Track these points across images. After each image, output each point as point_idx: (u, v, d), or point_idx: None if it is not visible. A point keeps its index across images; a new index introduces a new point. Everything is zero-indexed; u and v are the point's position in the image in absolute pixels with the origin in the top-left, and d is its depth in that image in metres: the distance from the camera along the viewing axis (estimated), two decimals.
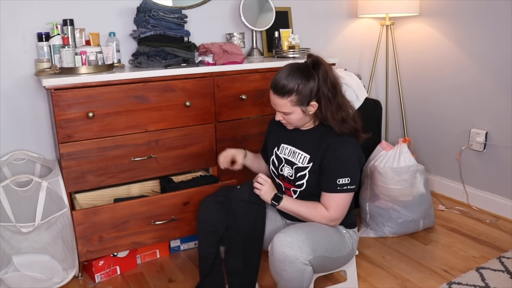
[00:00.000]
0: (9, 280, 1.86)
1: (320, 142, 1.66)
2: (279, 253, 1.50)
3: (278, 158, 1.79)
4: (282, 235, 1.52)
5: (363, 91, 2.56)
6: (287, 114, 1.64)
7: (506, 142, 2.55)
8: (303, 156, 1.69)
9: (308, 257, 1.50)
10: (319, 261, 1.56)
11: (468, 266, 2.10)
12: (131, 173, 2.02)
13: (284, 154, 1.77)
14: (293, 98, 1.60)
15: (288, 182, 1.75)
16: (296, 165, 1.71)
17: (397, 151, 2.34)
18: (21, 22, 2.09)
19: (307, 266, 1.51)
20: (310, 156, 1.68)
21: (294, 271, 1.50)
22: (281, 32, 2.58)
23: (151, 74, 1.97)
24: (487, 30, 2.54)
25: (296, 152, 1.72)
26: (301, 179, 1.69)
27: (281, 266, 1.51)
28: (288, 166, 1.74)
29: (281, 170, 1.77)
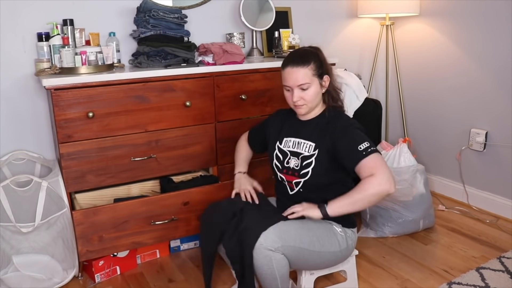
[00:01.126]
0: (9, 280, 1.86)
1: (325, 129, 1.69)
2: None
3: (283, 152, 1.79)
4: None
5: (363, 91, 2.56)
6: (305, 89, 1.66)
7: (506, 142, 2.55)
8: (308, 145, 1.71)
9: (274, 244, 1.53)
10: (293, 251, 1.57)
11: (468, 266, 2.10)
12: (131, 173, 2.02)
13: (288, 147, 1.77)
14: (313, 66, 1.66)
15: (292, 173, 1.74)
16: (302, 155, 1.72)
17: (397, 151, 2.34)
18: (21, 22, 2.09)
19: (274, 253, 1.53)
20: (315, 144, 1.70)
21: (260, 258, 1.53)
22: (281, 32, 2.57)
23: (151, 74, 1.97)
24: (487, 30, 2.54)
25: (300, 142, 1.74)
26: (307, 167, 1.69)
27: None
28: (294, 157, 1.74)
29: (287, 163, 1.76)
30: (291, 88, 1.68)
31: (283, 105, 2.27)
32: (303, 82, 1.65)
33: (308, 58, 1.67)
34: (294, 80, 1.66)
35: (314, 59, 1.67)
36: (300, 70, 1.65)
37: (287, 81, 1.68)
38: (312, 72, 1.66)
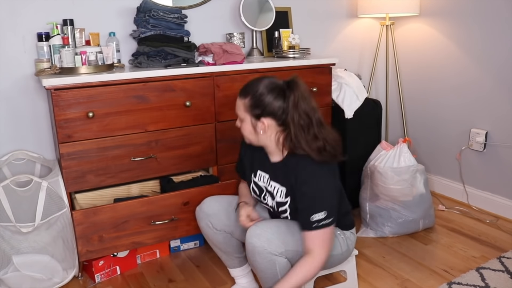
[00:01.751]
0: (9, 280, 1.86)
1: (288, 175, 1.56)
2: (248, 244, 1.54)
3: (258, 186, 1.72)
4: (253, 227, 1.56)
5: (363, 91, 2.56)
6: (241, 120, 1.60)
7: (506, 142, 2.55)
8: (280, 190, 1.62)
9: (277, 249, 1.51)
10: (297, 255, 1.57)
11: (468, 266, 2.10)
12: (131, 173, 2.02)
13: (263, 182, 1.69)
14: (246, 102, 1.54)
15: (272, 210, 1.71)
16: (276, 200, 1.65)
17: (397, 151, 2.34)
18: (21, 22, 2.09)
19: (278, 257, 1.52)
20: (286, 189, 1.60)
21: (264, 262, 1.52)
22: (281, 32, 2.57)
23: (151, 74, 1.97)
24: (487, 30, 2.54)
25: (273, 185, 1.64)
26: (284, 212, 1.65)
27: (252, 258, 1.54)
28: (269, 196, 1.68)
29: (264, 199, 1.72)
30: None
31: None
32: (238, 114, 1.60)
33: (248, 92, 1.55)
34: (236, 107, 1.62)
35: (255, 94, 1.52)
36: (238, 99, 1.60)
37: None
38: (244, 107, 1.55)
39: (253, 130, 1.58)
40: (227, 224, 1.77)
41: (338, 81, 2.53)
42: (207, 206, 1.78)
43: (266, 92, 1.52)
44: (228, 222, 1.77)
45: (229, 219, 1.77)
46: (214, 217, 1.76)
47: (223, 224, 1.76)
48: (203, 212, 1.79)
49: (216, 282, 2.04)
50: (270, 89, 1.53)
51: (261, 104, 1.53)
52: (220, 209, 1.78)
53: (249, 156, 1.77)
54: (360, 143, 2.55)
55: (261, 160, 1.69)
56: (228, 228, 1.77)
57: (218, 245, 1.83)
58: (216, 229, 1.77)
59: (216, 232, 1.78)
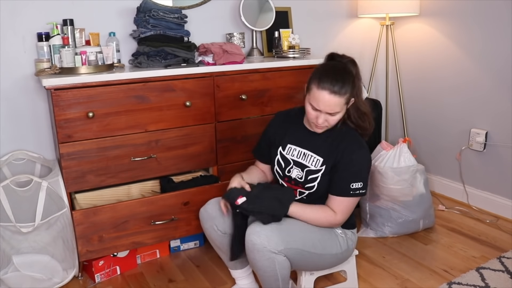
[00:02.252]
0: (9, 280, 1.86)
1: (335, 145, 1.65)
2: (248, 242, 1.55)
3: (285, 159, 1.76)
4: (253, 225, 1.57)
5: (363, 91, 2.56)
6: (333, 115, 1.59)
7: (506, 142, 2.55)
8: (316, 159, 1.68)
9: (277, 247, 1.52)
10: (296, 254, 1.57)
11: (468, 266, 2.10)
12: (131, 173, 2.02)
13: (292, 155, 1.74)
14: (348, 96, 1.59)
15: (295, 184, 1.73)
16: (308, 168, 1.69)
17: (397, 151, 2.34)
18: (21, 22, 2.09)
19: (277, 255, 1.53)
20: (323, 159, 1.67)
21: (263, 260, 1.52)
22: (281, 32, 2.57)
23: (151, 74, 1.97)
24: (487, 30, 2.54)
25: (307, 154, 1.70)
26: (313, 181, 1.68)
27: (251, 255, 1.55)
28: (297, 168, 1.72)
29: (288, 172, 1.74)
30: (319, 110, 1.59)
31: (283, 105, 2.27)
32: (333, 110, 1.58)
33: (347, 85, 1.58)
34: (327, 107, 1.57)
35: (351, 86, 1.59)
36: (336, 99, 1.56)
37: (318, 103, 1.57)
38: (345, 101, 1.59)
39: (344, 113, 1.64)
40: (231, 226, 1.75)
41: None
42: (212, 208, 1.77)
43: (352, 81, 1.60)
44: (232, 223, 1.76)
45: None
46: (218, 219, 1.75)
47: (227, 226, 1.75)
48: (208, 214, 1.77)
49: (216, 282, 2.04)
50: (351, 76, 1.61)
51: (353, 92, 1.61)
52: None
53: (280, 132, 1.80)
54: None
55: (295, 134, 1.75)
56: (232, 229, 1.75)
57: (221, 247, 1.82)
58: (221, 231, 1.76)
59: (220, 235, 1.76)
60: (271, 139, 1.83)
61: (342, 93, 1.56)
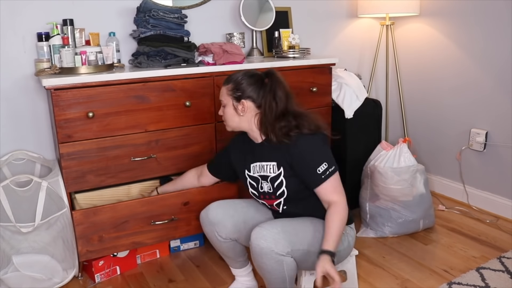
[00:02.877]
0: (9, 280, 1.86)
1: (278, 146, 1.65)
2: (254, 246, 1.54)
3: (254, 178, 1.75)
4: (258, 229, 1.56)
5: (363, 91, 2.56)
6: (223, 107, 1.72)
7: (506, 142, 2.55)
8: (271, 165, 1.68)
9: (284, 249, 1.52)
10: (302, 254, 1.57)
11: (468, 266, 2.10)
12: (131, 173, 2.02)
13: (256, 172, 1.74)
14: (229, 87, 1.69)
15: (269, 197, 1.73)
16: (270, 176, 1.69)
17: (397, 151, 2.34)
18: (21, 22, 2.09)
19: (285, 257, 1.52)
20: (276, 162, 1.67)
21: (272, 263, 1.52)
22: (281, 32, 2.57)
23: (151, 74, 1.97)
24: (487, 30, 2.54)
25: (263, 165, 1.71)
26: (280, 187, 1.68)
27: (259, 259, 1.54)
28: (264, 181, 1.72)
29: (261, 188, 1.74)
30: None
31: None
32: (220, 98, 1.74)
33: (230, 79, 1.70)
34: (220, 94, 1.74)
35: (236, 80, 1.68)
36: (222, 87, 1.72)
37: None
38: (227, 92, 1.69)
39: (234, 113, 1.70)
40: (232, 231, 1.76)
41: (338, 81, 2.53)
42: (212, 213, 1.77)
43: (246, 78, 1.68)
44: (234, 229, 1.76)
45: (235, 226, 1.76)
46: (219, 225, 1.75)
47: (229, 231, 1.75)
48: (209, 220, 1.78)
49: (216, 282, 2.04)
50: (249, 76, 1.69)
51: (241, 87, 1.67)
52: (226, 216, 1.76)
53: (239, 153, 1.82)
54: (360, 143, 2.55)
55: (250, 151, 1.77)
56: (234, 235, 1.77)
57: (222, 251, 1.83)
58: (222, 237, 1.76)
59: (221, 241, 1.77)
60: (233, 164, 1.85)
61: (225, 84, 1.71)
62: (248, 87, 1.67)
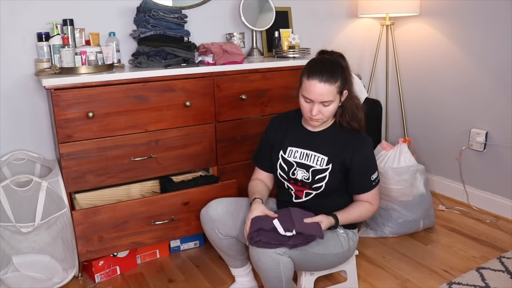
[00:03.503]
0: (9, 280, 1.86)
1: (340, 143, 1.69)
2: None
3: (287, 162, 1.74)
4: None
5: (363, 91, 2.56)
6: (326, 105, 1.61)
7: (506, 142, 2.55)
8: (321, 158, 1.69)
9: (282, 248, 1.53)
10: (300, 254, 1.57)
11: (468, 266, 2.10)
12: (131, 173, 2.02)
13: (294, 157, 1.73)
14: (339, 84, 1.61)
15: (302, 185, 1.72)
16: (313, 168, 1.69)
17: (397, 151, 2.34)
18: (21, 22, 2.09)
19: (281, 257, 1.52)
20: (328, 158, 1.68)
21: (268, 261, 1.52)
22: (281, 32, 2.57)
23: (151, 74, 1.97)
24: (487, 30, 2.54)
25: (310, 154, 1.70)
26: (320, 181, 1.68)
27: (256, 257, 1.54)
28: (302, 169, 1.71)
29: (293, 174, 1.73)
30: (312, 101, 1.62)
31: (283, 105, 2.27)
32: (327, 100, 1.60)
33: (336, 74, 1.61)
34: (319, 96, 1.59)
35: (341, 75, 1.62)
36: (327, 87, 1.58)
37: (310, 93, 1.60)
38: (337, 90, 1.61)
39: (337, 107, 1.67)
40: (233, 228, 1.75)
41: None
42: (213, 210, 1.76)
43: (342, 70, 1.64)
44: (234, 226, 1.75)
45: (235, 223, 1.75)
46: (219, 222, 1.75)
47: (229, 228, 1.75)
48: (209, 216, 1.77)
49: (216, 282, 2.04)
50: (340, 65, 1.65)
51: (344, 81, 1.64)
52: (226, 213, 1.76)
53: (279, 136, 1.80)
54: None
55: (295, 135, 1.76)
56: (234, 232, 1.76)
57: (222, 249, 1.82)
58: (222, 234, 1.76)
59: (221, 238, 1.77)
60: (271, 143, 1.82)
61: (332, 81, 1.59)
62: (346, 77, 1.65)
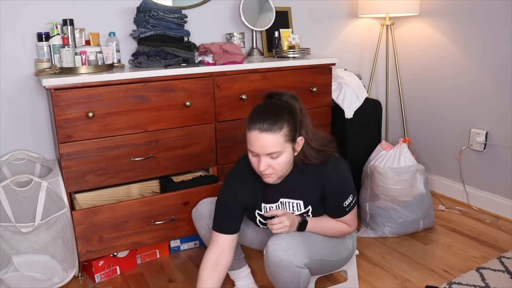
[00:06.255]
0: (9, 280, 1.86)
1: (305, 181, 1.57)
2: (273, 257, 1.48)
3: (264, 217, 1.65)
4: (276, 239, 1.50)
5: (363, 91, 2.56)
6: (275, 157, 1.45)
7: (506, 142, 2.55)
8: (296, 203, 1.60)
9: (303, 260, 1.48)
10: (317, 264, 1.56)
11: (468, 266, 2.10)
12: (131, 173, 2.02)
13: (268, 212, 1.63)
14: (286, 132, 1.44)
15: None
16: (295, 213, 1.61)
17: (397, 151, 2.34)
18: (21, 22, 2.09)
19: (302, 269, 1.49)
20: (303, 201, 1.60)
21: (289, 275, 1.48)
22: (281, 32, 2.57)
23: (151, 74, 1.97)
24: (487, 30, 2.54)
25: (285, 202, 1.61)
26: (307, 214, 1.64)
27: (276, 270, 1.49)
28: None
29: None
30: (258, 155, 1.46)
31: None
32: (273, 151, 1.43)
33: (281, 120, 1.42)
34: (262, 148, 1.43)
35: (288, 121, 1.44)
36: (269, 136, 1.41)
37: (252, 146, 1.45)
38: (284, 139, 1.44)
39: (291, 157, 1.50)
40: None
41: (338, 81, 2.53)
42: (203, 207, 1.77)
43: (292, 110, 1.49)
44: None
45: None
46: (210, 218, 1.72)
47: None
48: (198, 213, 1.77)
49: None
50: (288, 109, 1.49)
51: (294, 127, 1.48)
52: None
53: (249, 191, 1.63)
54: (360, 143, 2.55)
55: (263, 192, 1.62)
56: None
57: None
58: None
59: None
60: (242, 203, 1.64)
61: (276, 130, 1.42)
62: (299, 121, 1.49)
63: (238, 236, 1.67)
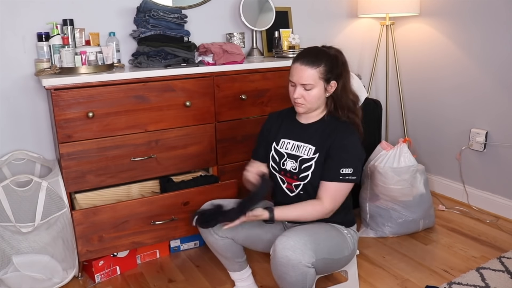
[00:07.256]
0: (9, 280, 1.86)
1: (327, 133, 1.67)
2: (281, 257, 1.48)
3: (279, 153, 1.75)
4: (284, 239, 1.51)
5: (363, 91, 2.56)
6: (308, 89, 1.62)
7: (506, 142, 2.55)
8: (308, 148, 1.69)
9: (310, 260, 1.49)
10: (322, 263, 1.56)
11: (468, 266, 2.10)
12: (131, 173, 2.02)
13: (285, 149, 1.74)
14: (321, 70, 1.61)
15: (291, 176, 1.72)
16: (301, 157, 1.69)
17: (397, 151, 2.34)
18: (21, 22, 2.09)
19: (309, 269, 1.50)
20: (315, 147, 1.67)
21: (297, 274, 1.48)
22: (281, 32, 2.57)
23: (151, 74, 1.97)
24: (487, 30, 2.54)
25: (300, 145, 1.71)
26: (306, 170, 1.67)
27: (284, 270, 1.49)
28: (291, 160, 1.71)
29: (283, 165, 1.73)
30: (295, 84, 1.65)
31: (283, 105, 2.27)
32: (306, 83, 1.61)
33: (319, 59, 1.62)
34: (299, 78, 1.62)
35: (326, 62, 1.62)
36: (307, 69, 1.61)
37: (292, 76, 1.65)
38: (319, 75, 1.61)
39: (322, 94, 1.65)
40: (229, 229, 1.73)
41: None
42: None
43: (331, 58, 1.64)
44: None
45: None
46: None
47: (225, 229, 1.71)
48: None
49: (216, 282, 2.04)
50: (330, 54, 1.65)
51: (331, 69, 1.63)
52: None
53: (274, 129, 1.81)
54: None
55: (288, 128, 1.77)
56: (230, 233, 1.74)
57: (219, 250, 1.81)
58: (218, 234, 1.74)
59: (217, 238, 1.75)
60: (267, 138, 1.83)
61: (314, 66, 1.60)
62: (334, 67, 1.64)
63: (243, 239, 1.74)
